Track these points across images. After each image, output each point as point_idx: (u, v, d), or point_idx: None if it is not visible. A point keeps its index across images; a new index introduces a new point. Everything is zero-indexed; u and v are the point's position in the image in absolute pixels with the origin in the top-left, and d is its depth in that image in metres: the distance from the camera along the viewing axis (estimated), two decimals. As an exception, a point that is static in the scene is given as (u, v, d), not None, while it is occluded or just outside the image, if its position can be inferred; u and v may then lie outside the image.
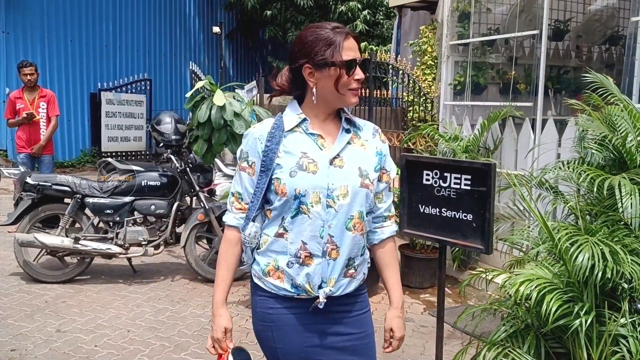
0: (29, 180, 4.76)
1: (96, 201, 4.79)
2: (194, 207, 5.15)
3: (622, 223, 2.49)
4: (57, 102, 6.84)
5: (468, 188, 2.50)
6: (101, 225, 4.97)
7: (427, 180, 2.64)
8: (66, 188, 4.80)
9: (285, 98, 1.87)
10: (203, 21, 15.45)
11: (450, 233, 2.59)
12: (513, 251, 3.80)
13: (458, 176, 2.53)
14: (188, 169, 4.91)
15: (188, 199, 5.28)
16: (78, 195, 4.78)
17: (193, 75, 11.70)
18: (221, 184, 6.06)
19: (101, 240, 4.81)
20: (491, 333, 2.51)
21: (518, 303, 2.46)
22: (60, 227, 4.78)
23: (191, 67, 12.05)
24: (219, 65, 12.55)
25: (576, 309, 2.18)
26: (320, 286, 1.71)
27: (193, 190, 4.95)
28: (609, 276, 2.14)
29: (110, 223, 4.86)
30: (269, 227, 1.75)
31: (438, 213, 2.61)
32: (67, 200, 4.90)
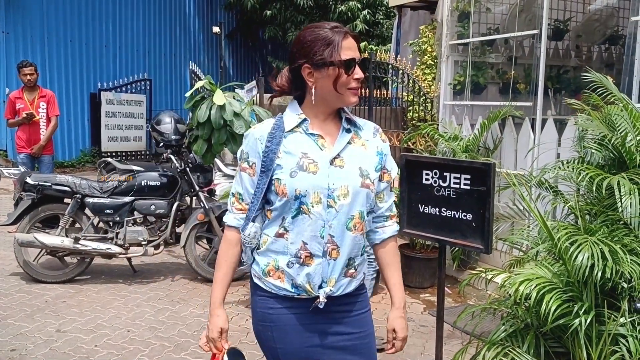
0: (29, 180, 4.76)
1: (96, 201, 4.80)
2: (194, 207, 5.15)
3: (622, 222, 2.49)
4: (57, 102, 6.85)
5: (468, 188, 2.50)
6: (101, 225, 4.97)
7: (427, 180, 2.64)
8: (66, 188, 4.80)
9: (285, 98, 1.87)
10: (203, 21, 15.44)
11: (449, 233, 2.59)
12: (513, 251, 3.80)
13: (458, 176, 2.54)
14: (188, 169, 4.91)
15: (188, 199, 5.28)
16: (78, 195, 4.79)
17: (193, 75, 11.70)
18: (221, 184, 6.06)
19: (101, 240, 4.81)
20: (491, 332, 2.52)
21: (518, 302, 2.46)
22: (60, 227, 4.78)
23: (191, 67, 12.05)
24: (219, 65, 12.55)
25: (576, 309, 2.18)
26: (320, 286, 1.71)
27: (193, 190, 4.96)
28: (609, 276, 2.15)
29: (110, 223, 4.86)
30: (269, 227, 1.75)
31: (438, 213, 2.61)
32: (67, 200, 4.90)
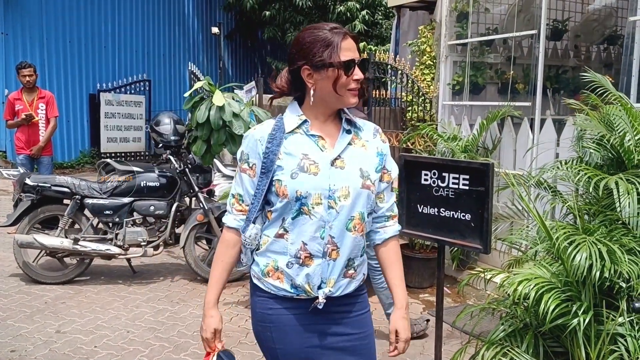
0: (28, 181, 4.77)
1: (95, 202, 4.80)
2: (193, 208, 5.16)
3: (620, 222, 2.49)
4: (56, 103, 6.84)
5: (466, 188, 2.51)
6: (100, 226, 4.97)
7: (426, 180, 2.65)
8: (65, 189, 4.80)
9: (285, 99, 1.87)
10: (202, 22, 15.44)
11: (448, 233, 2.59)
12: (512, 251, 3.81)
13: (456, 176, 2.54)
14: (187, 170, 4.91)
15: (187, 200, 5.28)
16: (77, 196, 4.79)
17: (192, 75, 11.72)
18: (220, 185, 6.06)
19: (100, 241, 4.81)
20: (490, 332, 2.52)
21: (516, 302, 2.46)
22: (59, 228, 4.78)
23: (190, 68, 12.07)
24: (218, 65, 12.57)
25: (574, 308, 2.19)
26: (319, 286, 1.71)
27: (192, 190, 4.96)
28: (607, 275, 2.15)
29: (109, 224, 4.86)
30: (269, 228, 1.75)
31: (436, 213, 2.62)
32: (67, 201, 4.90)
